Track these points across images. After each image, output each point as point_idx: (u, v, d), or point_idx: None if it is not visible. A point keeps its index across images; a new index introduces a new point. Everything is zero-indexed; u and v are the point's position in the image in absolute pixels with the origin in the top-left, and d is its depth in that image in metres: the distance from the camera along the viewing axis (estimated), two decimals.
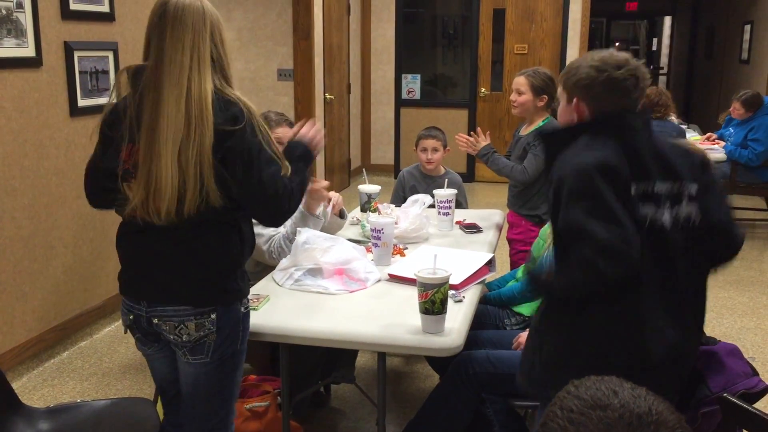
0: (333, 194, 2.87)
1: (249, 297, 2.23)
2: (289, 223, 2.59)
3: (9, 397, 2.06)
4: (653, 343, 1.68)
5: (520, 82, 3.26)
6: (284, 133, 2.80)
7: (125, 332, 1.96)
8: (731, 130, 5.81)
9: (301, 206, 2.49)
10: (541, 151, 2.91)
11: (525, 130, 3.36)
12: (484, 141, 3.30)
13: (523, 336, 2.45)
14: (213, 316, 1.82)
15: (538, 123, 3.27)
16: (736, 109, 5.66)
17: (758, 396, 1.89)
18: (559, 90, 1.86)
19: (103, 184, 1.87)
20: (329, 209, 2.84)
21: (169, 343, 1.91)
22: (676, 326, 1.71)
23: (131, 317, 1.90)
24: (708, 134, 6.09)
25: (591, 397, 0.85)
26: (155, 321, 1.85)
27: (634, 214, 1.62)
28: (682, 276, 1.72)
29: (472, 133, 3.31)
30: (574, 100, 1.77)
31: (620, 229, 1.56)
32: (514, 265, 3.36)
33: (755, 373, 1.94)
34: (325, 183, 2.69)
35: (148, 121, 1.73)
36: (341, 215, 2.95)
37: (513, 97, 3.30)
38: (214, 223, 1.80)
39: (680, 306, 1.73)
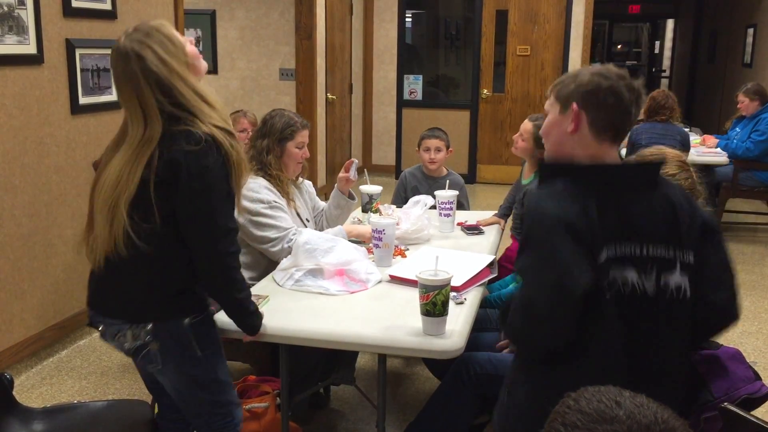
0: (353, 160, 3.03)
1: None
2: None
3: (5, 397, 2.05)
4: None
5: (527, 128, 3.19)
6: (306, 137, 2.87)
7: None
8: (738, 130, 5.78)
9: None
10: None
11: (525, 176, 3.35)
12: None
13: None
14: (149, 327, 1.85)
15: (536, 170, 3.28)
16: (742, 102, 5.64)
17: (761, 401, 1.88)
18: (550, 101, 1.69)
19: None
20: (353, 169, 2.95)
21: None
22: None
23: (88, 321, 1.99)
24: (704, 136, 6.03)
25: (594, 410, 0.83)
26: (100, 328, 1.91)
27: (599, 279, 1.49)
28: (661, 345, 1.59)
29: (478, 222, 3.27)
30: (573, 105, 1.62)
31: (556, 292, 1.45)
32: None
33: (758, 377, 1.93)
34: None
35: None
36: (350, 196, 3.02)
37: (516, 138, 3.25)
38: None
39: (654, 375, 1.59)
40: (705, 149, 5.69)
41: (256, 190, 2.67)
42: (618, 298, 1.53)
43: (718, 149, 5.69)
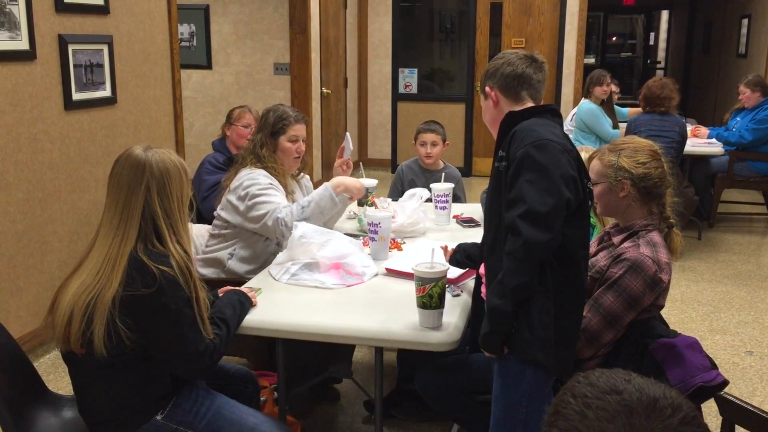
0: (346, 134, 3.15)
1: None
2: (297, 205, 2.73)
3: (34, 383, 2.04)
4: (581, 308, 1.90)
5: None
6: (301, 130, 2.89)
7: None
8: (738, 119, 5.77)
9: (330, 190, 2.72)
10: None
11: None
12: None
13: None
14: None
15: None
16: (743, 93, 5.64)
17: (716, 389, 1.88)
18: (481, 100, 2.01)
19: None
20: (347, 146, 3.02)
21: None
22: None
23: None
24: (694, 128, 5.97)
25: (605, 383, 0.87)
26: None
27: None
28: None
29: None
30: (487, 88, 1.95)
31: (554, 202, 1.69)
32: None
33: (714, 366, 1.94)
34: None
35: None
36: None
37: None
38: (108, 366, 1.85)
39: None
40: (698, 140, 5.69)
41: (253, 177, 2.75)
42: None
43: (713, 140, 5.69)
